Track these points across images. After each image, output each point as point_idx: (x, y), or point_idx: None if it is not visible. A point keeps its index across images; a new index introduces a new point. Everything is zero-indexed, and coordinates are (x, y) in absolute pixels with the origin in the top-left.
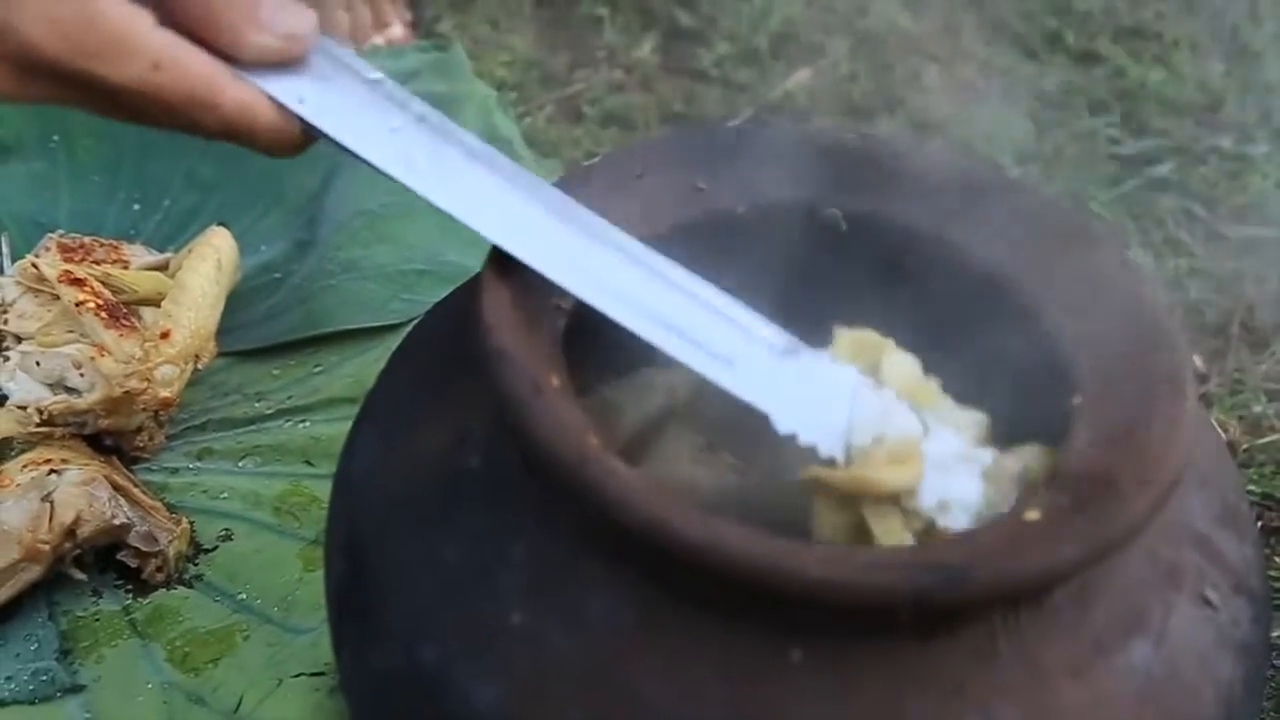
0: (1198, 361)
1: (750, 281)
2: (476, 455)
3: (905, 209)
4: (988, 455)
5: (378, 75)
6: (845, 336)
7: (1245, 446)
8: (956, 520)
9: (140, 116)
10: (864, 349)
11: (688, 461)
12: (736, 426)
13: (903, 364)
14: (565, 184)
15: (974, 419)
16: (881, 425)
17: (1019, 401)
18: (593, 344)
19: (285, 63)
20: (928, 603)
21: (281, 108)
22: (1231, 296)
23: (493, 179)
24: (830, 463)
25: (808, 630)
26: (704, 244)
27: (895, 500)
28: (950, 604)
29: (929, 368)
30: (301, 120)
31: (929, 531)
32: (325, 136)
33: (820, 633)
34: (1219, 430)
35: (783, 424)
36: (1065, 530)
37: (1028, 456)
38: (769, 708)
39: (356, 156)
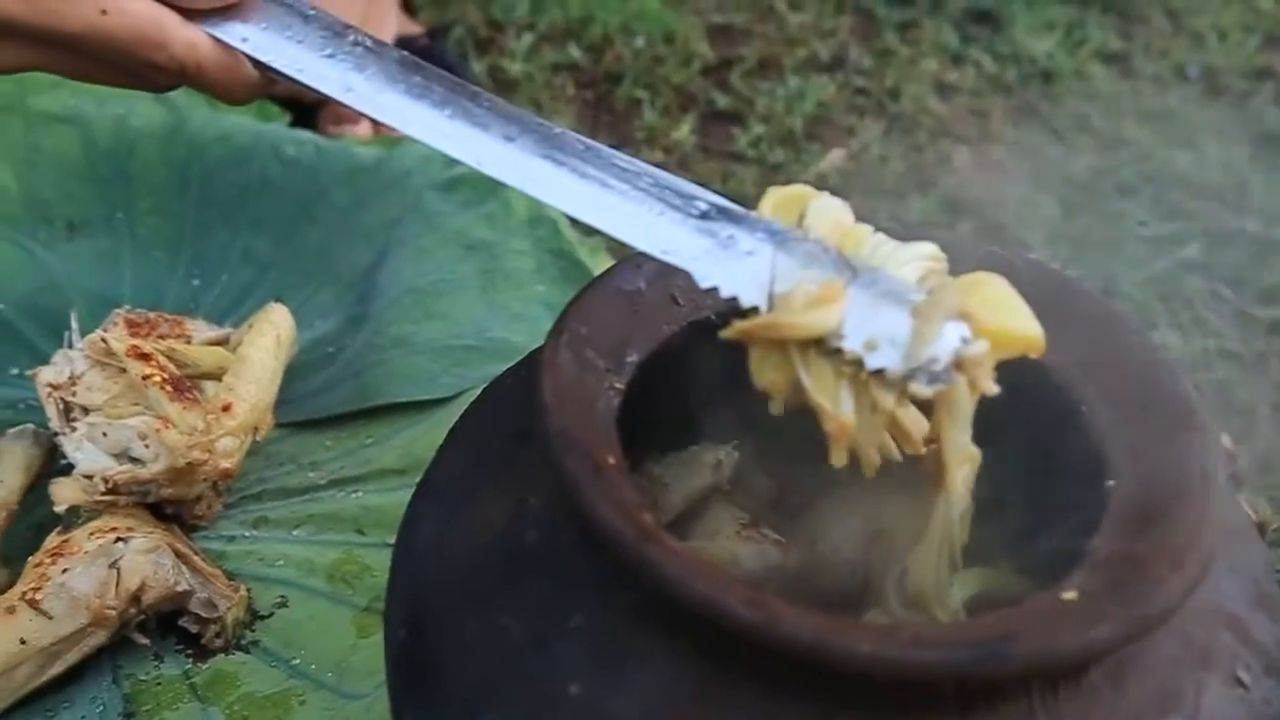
0: (1226, 441)
1: None
2: (535, 530)
3: None
4: (919, 292)
5: (313, 11)
6: (772, 194)
7: (1275, 526)
8: (887, 358)
9: (100, 69)
10: (791, 203)
11: (731, 537)
12: (779, 503)
13: (829, 210)
14: (619, 267)
15: (920, 251)
16: (803, 272)
17: (1053, 486)
18: (640, 422)
19: (229, 9)
20: (968, 678)
21: (228, 48)
22: (1259, 376)
23: (423, 90)
24: (754, 313)
25: (854, 703)
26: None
27: (822, 346)
28: (990, 680)
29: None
30: (250, 59)
31: (859, 376)
32: (269, 69)
33: (866, 706)
34: (1249, 510)
35: (704, 278)
36: (1102, 611)
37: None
38: None
39: (299, 83)
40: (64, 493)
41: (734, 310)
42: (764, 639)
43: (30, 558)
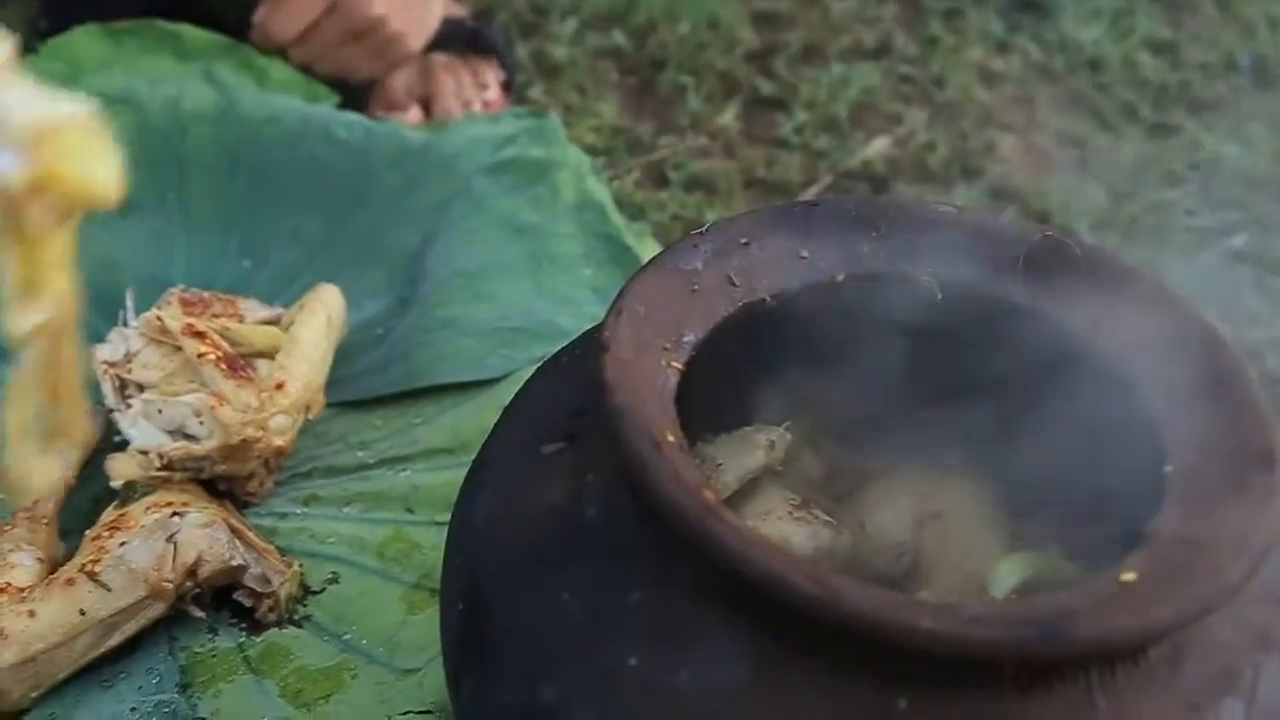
0: None
1: (846, 343)
2: (594, 507)
3: (998, 279)
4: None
5: None
6: None
7: None
8: None
9: None
10: None
11: (783, 517)
12: (829, 485)
13: None
14: (676, 248)
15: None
16: None
17: (1108, 470)
18: (695, 402)
19: None
20: (1030, 656)
21: None
22: None
23: None
24: None
25: (914, 680)
26: (803, 308)
27: None
28: (1051, 658)
29: (1021, 431)
30: None
31: None
32: None
33: (926, 683)
34: None
35: None
36: (1161, 592)
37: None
38: None
39: None
40: (120, 468)
41: (790, 292)
42: (826, 614)
43: (87, 531)
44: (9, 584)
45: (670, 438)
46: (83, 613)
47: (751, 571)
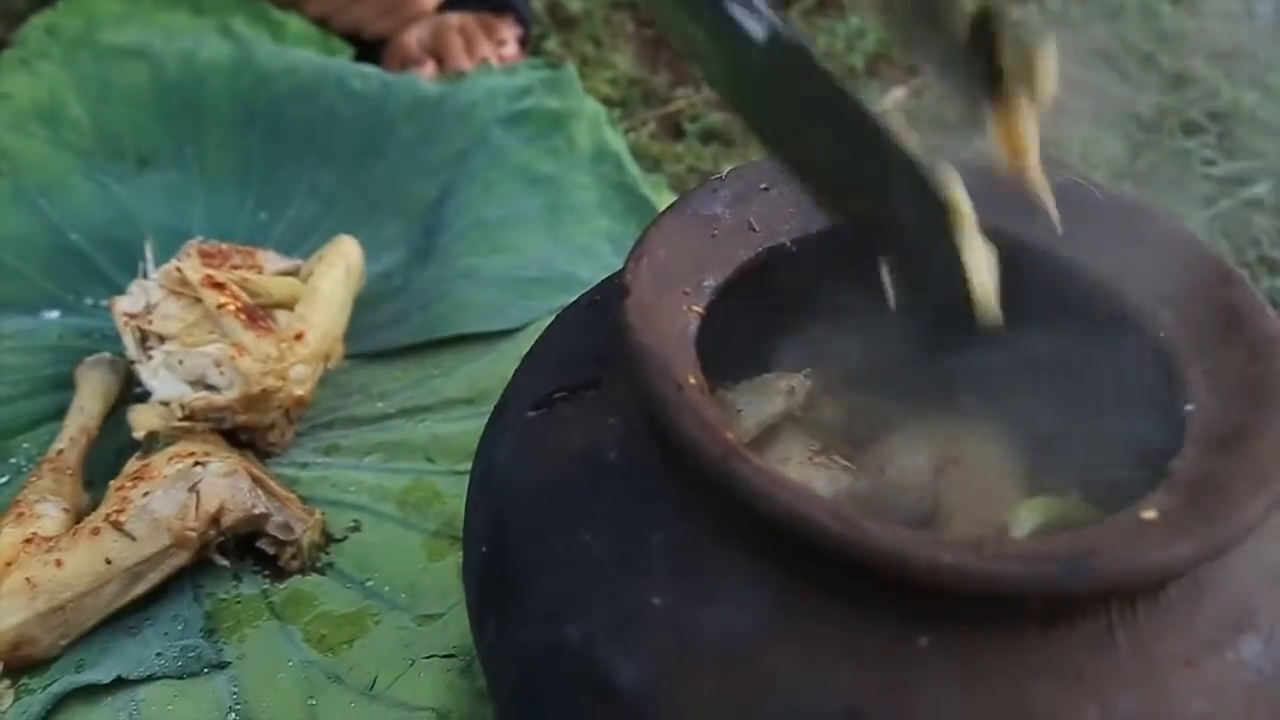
0: None
1: (867, 289)
2: (616, 450)
3: (1016, 223)
4: None
5: None
6: None
7: None
8: None
9: None
10: None
11: (803, 462)
12: (848, 430)
13: None
14: (696, 193)
15: None
16: None
17: (1129, 413)
18: (715, 347)
19: None
20: (1051, 592)
21: None
22: None
23: None
24: None
25: (935, 618)
26: (824, 253)
27: None
28: (1072, 594)
29: (1040, 375)
30: None
31: None
32: None
33: (947, 620)
34: None
35: None
36: (1182, 528)
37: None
38: (897, 690)
39: None
40: (142, 419)
41: (810, 237)
42: (848, 551)
43: (111, 481)
44: (36, 534)
45: (692, 380)
46: (109, 561)
47: (774, 510)
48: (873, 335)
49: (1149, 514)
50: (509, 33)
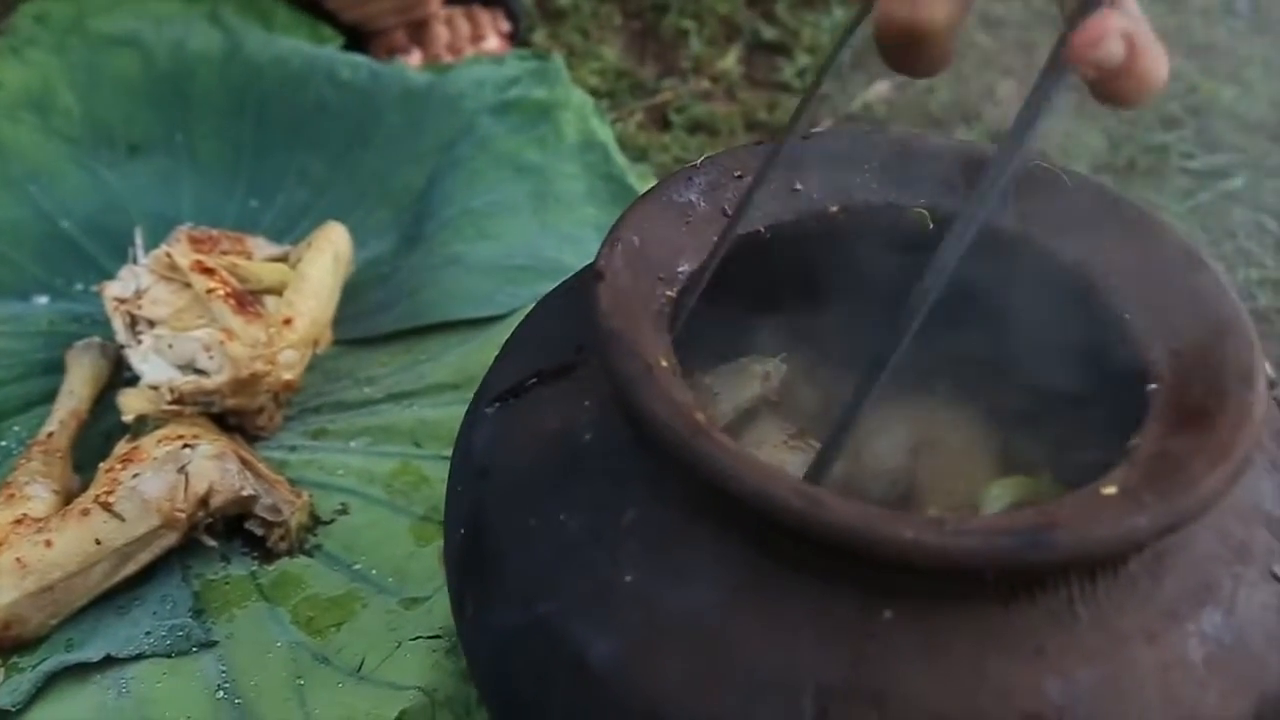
0: (1268, 368)
1: (841, 275)
2: (590, 431)
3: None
4: None
5: None
6: None
7: None
8: None
9: None
10: None
11: (778, 445)
12: (824, 414)
13: None
14: (671, 180)
15: None
16: None
17: (1096, 394)
18: (692, 332)
19: None
20: (1010, 565)
21: None
22: None
23: None
24: None
25: (898, 592)
26: (798, 240)
27: None
28: (1031, 567)
29: (1011, 358)
30: None
31: None
32: None
33: (910, 594)
34: None
35: None
36: (1140, 502)
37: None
38: (861, 663)
39: None
40: (132, 403)
41: (782, 228)
42: (811, 527)
43: (101, 464)
44: (26, 515)
45: (664, 362)
46: (98, 542)
47: (740, 488)
48: (846, 319)
49: (1109, 489)
50: (490, 28)
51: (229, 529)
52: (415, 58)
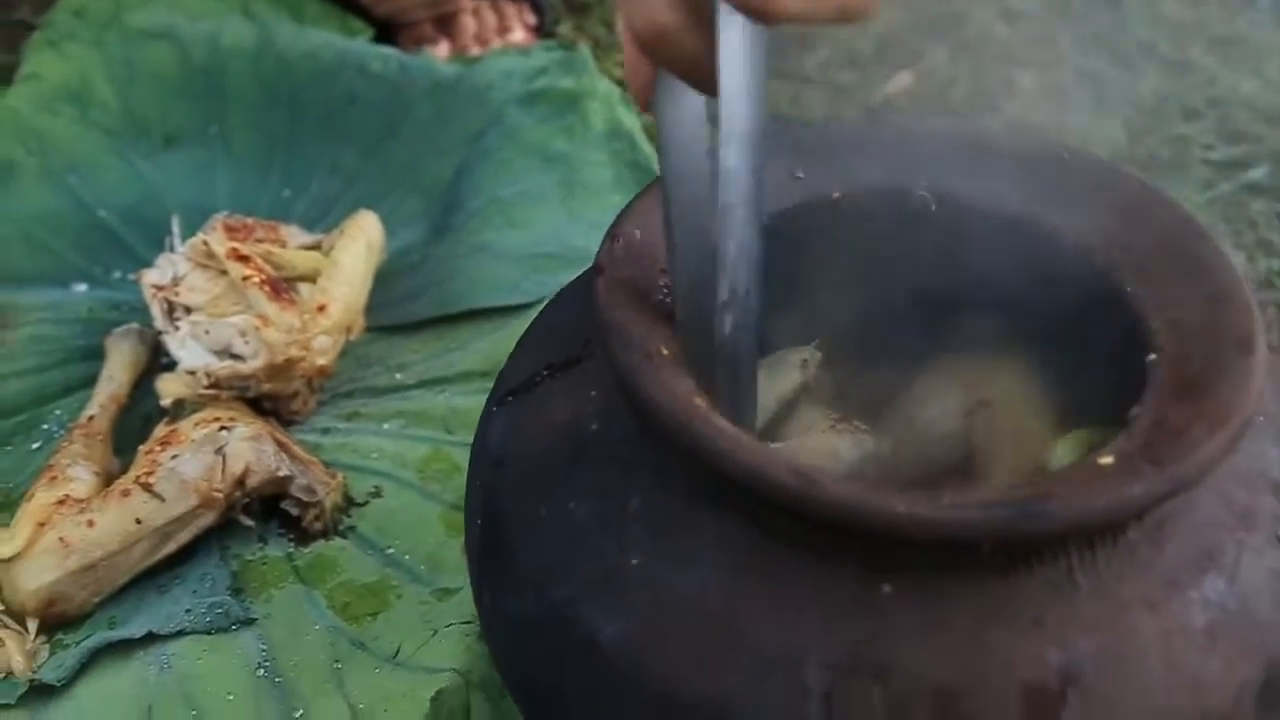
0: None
1: (846, 260)
2: (597, 421)
3: (991, 188)
4: None
5: None
6: None
7: None
8: None
9: None
10: None
11: (826, 431)
12: (865, 399)
13: None
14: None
15: None
16: None
17: (1098, 360)
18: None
19: None
20: (1006, 536)
21: None
22: None
23: None
24: None
25: (897, 566)
26: (802, 227)
27: None
28: (1026, 538)
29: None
30: None
31: None
32: None
33: (908, 568)
34: None
35: None
36: (1137, 471)
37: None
38: (862, 637)
39: None
40: (169, 387)
41: (786, 215)
42: (807, 505)
43: (140, 446)
44: (68, 496)
45: (663, 350)
46: (139, 521)
47: (737, 469)
48: (861, 303)
49: (1106, 459)
50: (516, 20)
51: (265, 510)
52: (443, 49)
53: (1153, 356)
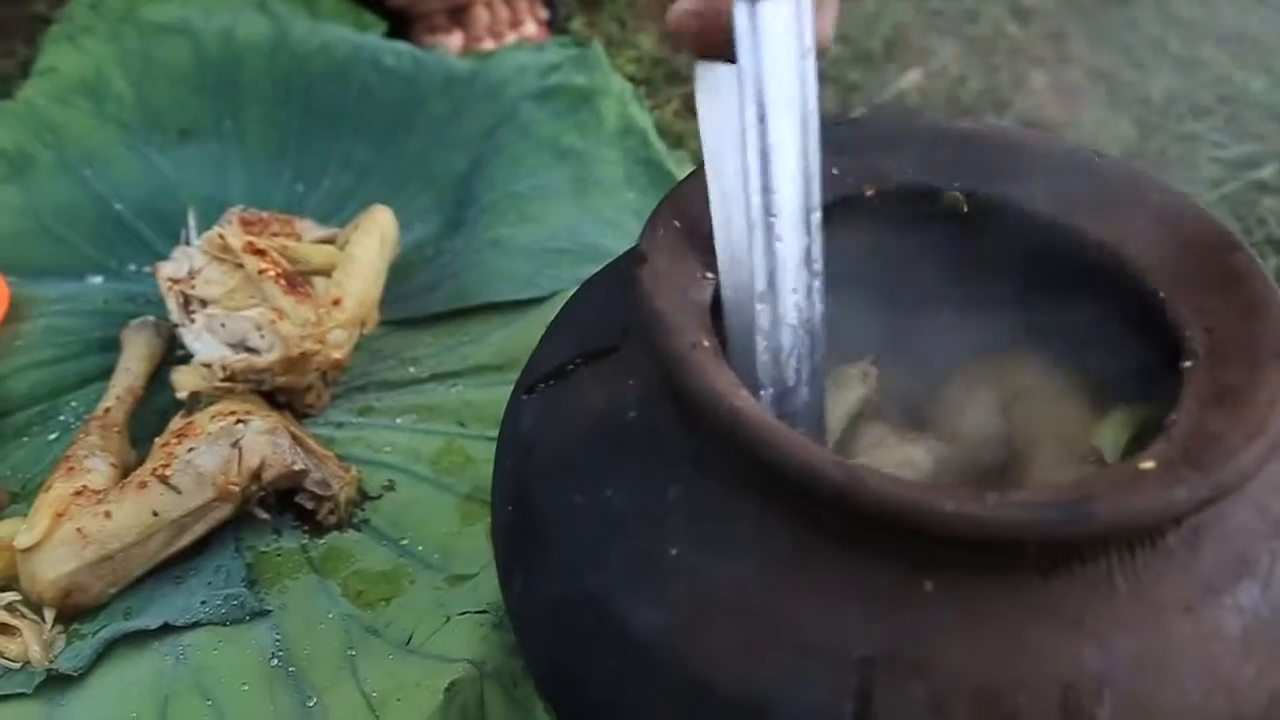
0: None
1: (876, 258)
2: (635, 410)
3: (1023, 190)
4: None
5: None
6: None
7: None
8: None
9: None
10: None
11: (897, 443)
12: (926, 410)
13: None
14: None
15: None
16: None
17: (1134, 368)
18: None
19: None
20: (1050, 537)
21: None
22: None
23: None
24: None
25: (940, 564)
26: (835, 223)
27: None
28: (1071, 539)
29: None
30: None
31: None
32: None
33: (951, 566)
34: None
35: None
36: (1178, 476)
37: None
38: (903, 633)
39: None
40: (185, 380)
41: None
42: (852, 500)
43: (156, 439)
44: (85, 487)
45: (705, 342)
46: (155, 513)
47: (782, 462)
48: (896, 306)
49: (1147, 464)
50: (529, 14)
51: (280, 503)
52: (456, 40)
53: (1188, 363)
